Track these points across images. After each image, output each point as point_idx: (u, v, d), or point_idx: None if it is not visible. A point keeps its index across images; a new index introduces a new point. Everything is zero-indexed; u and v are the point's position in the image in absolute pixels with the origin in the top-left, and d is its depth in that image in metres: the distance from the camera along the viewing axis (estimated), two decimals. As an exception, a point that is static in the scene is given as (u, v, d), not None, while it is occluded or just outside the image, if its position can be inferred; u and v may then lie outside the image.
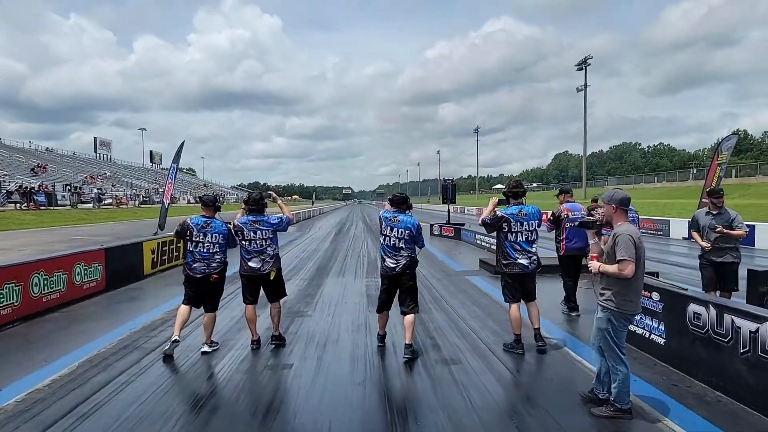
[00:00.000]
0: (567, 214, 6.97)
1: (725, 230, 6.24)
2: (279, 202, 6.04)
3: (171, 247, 12.65)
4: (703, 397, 4.25)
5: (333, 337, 6.19)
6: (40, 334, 6.39)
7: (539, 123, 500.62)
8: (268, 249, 5.58)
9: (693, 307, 4.65)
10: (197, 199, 70.19)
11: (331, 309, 7.78)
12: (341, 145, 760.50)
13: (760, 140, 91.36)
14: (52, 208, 34.48)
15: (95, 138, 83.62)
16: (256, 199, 5.63)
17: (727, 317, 4.24)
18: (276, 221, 5.65)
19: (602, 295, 3.96)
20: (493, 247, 13.88)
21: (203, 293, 5.60)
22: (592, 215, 5.99)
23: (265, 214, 5.72)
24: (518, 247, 5.34)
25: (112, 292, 9.20)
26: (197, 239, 5.51)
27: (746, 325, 4.03)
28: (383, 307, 5.58)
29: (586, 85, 56.11)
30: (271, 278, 5.60)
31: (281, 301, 5.83)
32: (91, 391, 4.46)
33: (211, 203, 5.72)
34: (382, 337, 5.75)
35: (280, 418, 3.91)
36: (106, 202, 44.58)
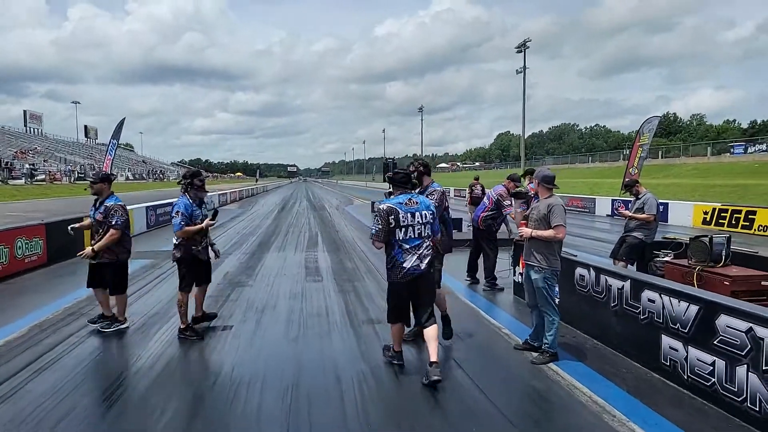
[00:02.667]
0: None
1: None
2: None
3: (112, 223, 12.67)
4: (583, 345, 5.10)
5: (271, 303, 6.73)
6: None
7: (485, 103, 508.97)
8: None
9: (579, 270, 5.50)
10: (135, 176, 67.97)
11: (270, 279, 8.28)
12: (288, 122, 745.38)
13: (688, 123, 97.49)
14: (-22, 183, 32.62)
15: (25, 111, 78.34)
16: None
17: (602, 277, 5.09)
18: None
19: (534, 258, 4.64)
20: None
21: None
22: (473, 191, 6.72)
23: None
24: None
25: (54, 266, 9.31)
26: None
27: (616, 283, 4.89)
28: (402, 315, 4.39)
29: (525, 68, 57.67)
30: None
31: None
32: (43, 350, 4.83)
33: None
34: (399, 354, 4.49)
35: (221, 372, 4.43)
36: (38, 178, 42.42)
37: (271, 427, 3.44)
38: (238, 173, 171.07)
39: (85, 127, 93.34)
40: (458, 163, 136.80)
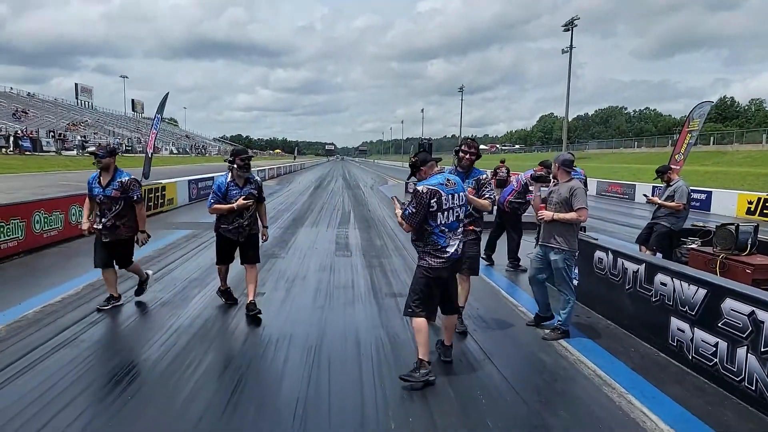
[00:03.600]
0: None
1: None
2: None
3: (156, 194, 13.38)
4: (596, 324, 5.26)
5: (301, 274, 7.12)
6: (46, 264, 7.26)
7: (528, 83, 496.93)
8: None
9: (598, 253, 5.62)
10: (178, 150, 70.10)
11: (302, 253, 8.68)
12: (327, 100, 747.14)
13: (746, 108, 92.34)
14: (37, 154, 34.50)
15: (76, 84, 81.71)
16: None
17: (619, 260, 5.21)
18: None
19: (554, 240, 4.78)
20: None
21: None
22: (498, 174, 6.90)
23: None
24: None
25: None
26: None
27: (631, 267, 5.01)
28: (432, 304, 3.97)
29: (571, 47, 55.71)
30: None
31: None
32: (95, 306, 5.34)
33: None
34: (429, 370, 3.78)
35: (252, 332, 4.83)
36: (89, 149, 44.38)
37: (295, 379, 3.80)
38: (277, 150, 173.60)
39: (132, 101, 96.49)
40: (497, 145, 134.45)
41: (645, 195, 7.23)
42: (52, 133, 43.41)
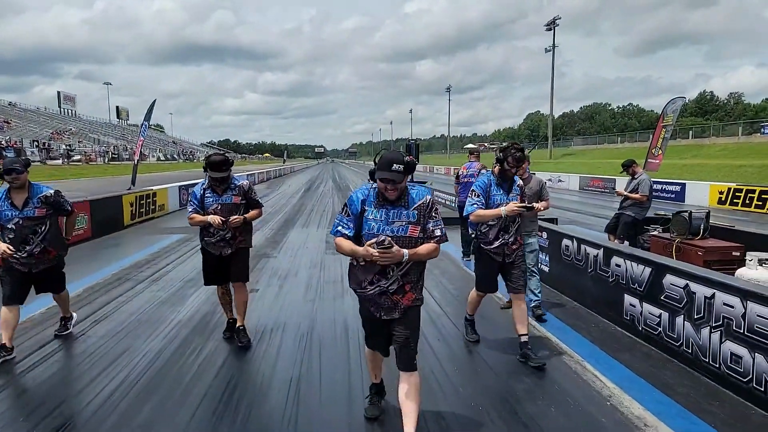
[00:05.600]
0: (463, 172, 8.30)
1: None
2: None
3: (148, 200, 13.71)
4: (563, 305, 5.76)
5: (293, 271, 7.54)
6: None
7: (516, 82, 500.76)
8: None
9: (565, 241, 6.12)
10: (165, 157, 69.97)
11: (293, 252, 9.11)
12: (316, 102, 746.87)
13: (725, 102, 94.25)
14: (21, 164, 34.45)
15: (59, 92, 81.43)
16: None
17: (582, 246, 5.71)
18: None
19: (533, 226, 5.30)
20: (448, 201, 15.33)
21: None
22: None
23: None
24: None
25: (98, 239, 10.33)
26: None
27: (592, 251, 5.51)
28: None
29: (554, 46, 57.02)
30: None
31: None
32: (98, 306, 5.74)
33: None
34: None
35: (249, 322, 5.23)
36: (75, 158, 44.39)
37: (288, 361, 4.24)
38: (266, 154, 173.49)
39: (117, 108, 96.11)
40: (485, 144, 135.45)
41: (613, 188, 7.72)
42: (36, 143, 43.29)
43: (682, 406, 3.40)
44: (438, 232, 2.87)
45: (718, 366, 3.66)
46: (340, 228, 2.91)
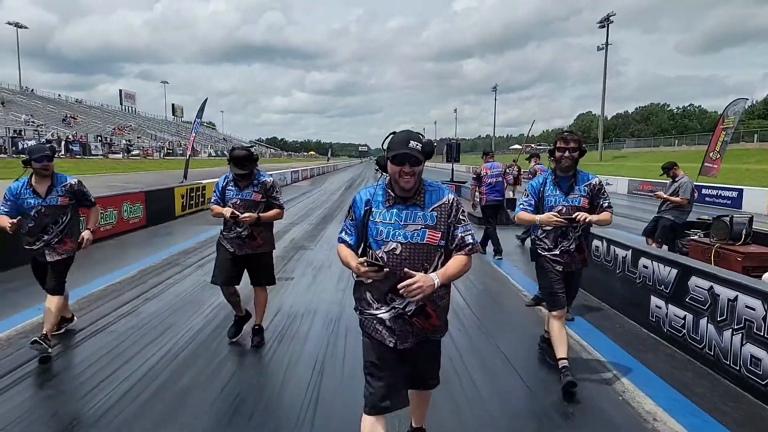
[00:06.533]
0: (486, 172, 8.49)
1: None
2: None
3: (197, 193, 14.42)
4: (590, 305, 5.77)
5: (327, 263, 7.84)
6: (103, 254, 8.19)
7: (567, 81, 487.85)
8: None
9: (595, 242, 6.11)
10: (216, 153, 72.46)
11: (329, 245, 9.42)
12: (361, 101, 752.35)
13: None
14: (86, 157, 36.64)
15: (121, 90, 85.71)
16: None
17: (612, 247, 5.71)
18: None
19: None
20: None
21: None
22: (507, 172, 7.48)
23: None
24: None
25: (152, 227, 11.02)
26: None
27: (621, 252, 5.50)
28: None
29: (607, 44, 55.43)
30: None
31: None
32: (149, 287, 6.21)
33: None
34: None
35: (281, 308, 5.56)
36: (134, 153, 46.71)
37: (316, 342, 4.51)
38: (311, 152, 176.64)
39: (173, 105, 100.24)
40: (532, 144, 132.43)
41: (651, 191, 7.60)
42: (99, 138, 45.82)
43: (697, 405, 3.42)
44: (470, 240, 2.34)
45: (738, 368, 3.65)
46: (342, 234, 2.47)
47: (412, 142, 2.23)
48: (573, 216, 3.60)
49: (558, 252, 3.78)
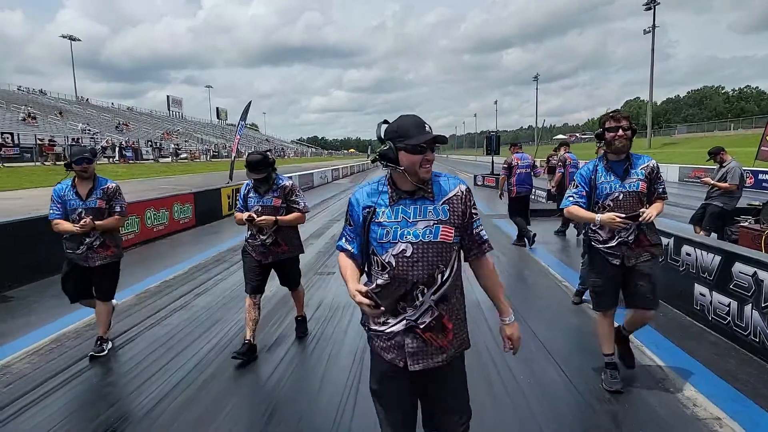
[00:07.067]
0: (517, 163, 8.48)
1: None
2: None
3: (243, 193, 14.95)
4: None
5: (369, 257, 8.02)
6: (157, 252, 8.70)
7: (612, 67, 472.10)
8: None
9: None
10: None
11: (371, 240, 9.61)
12: (398, 98, 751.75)
13: None
14: (138, 162, 38.38)
15: (168, 96, 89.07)
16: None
17: (654, 236, 5.60)
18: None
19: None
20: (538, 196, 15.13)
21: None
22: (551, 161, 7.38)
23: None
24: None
25: (200, 227, 11.52)
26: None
27: (663, 240, 5.37)
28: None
29: (654, 26, 53.33)
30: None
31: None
32: (199, 282, 6.56)
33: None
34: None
35: (323, 301, 5.77)
36: (182, 156, 48.46)
37: (357, 334, 4.67)
38: (351, 149, 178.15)
39: (217, 109, 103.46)
40: (577, 134, 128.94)
41: (698, 176, 7.36)
42: (150, 143, 47.83)
43: (739, 391, 3.38)
44: (485, 235, 2.13)
45: (784, 355, 3.58)
46: (342, 241, 2.15)
47: (426, 125, 1.97)
48: (637, 214, 3.25)
49: (614, 244, 3.38)
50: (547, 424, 3.08)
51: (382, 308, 1.90)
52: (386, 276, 1.97)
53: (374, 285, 2.00)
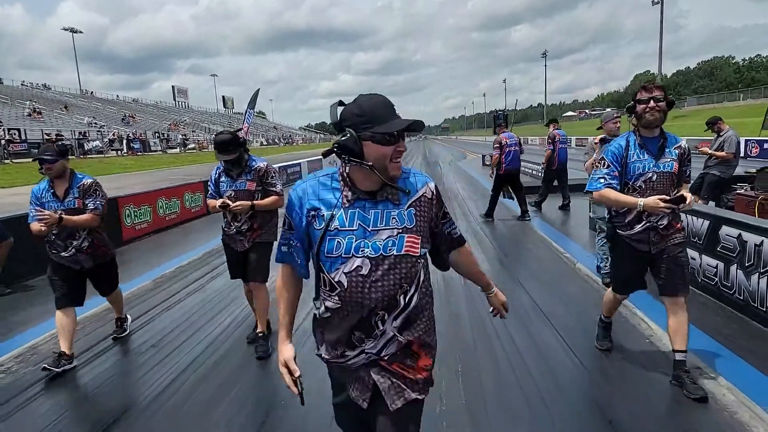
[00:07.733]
0: (506, 142, 8.91)
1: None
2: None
3: (251, 180, 15.22)
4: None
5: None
6: (171, 240, 9.02)
7: (622, 40, 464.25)
8: None
9: (634, 201, 6.19)
10: (267, 141, 74.37)
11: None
12: (407, 79, 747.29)
13: None
14: (146, 153, 38.84)
15: (173, 86, 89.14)
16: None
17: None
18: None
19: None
20: (535, 171, 15.17)
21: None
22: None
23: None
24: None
25: (212, 214, 11.74)
26: None
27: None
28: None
29: (661, -3, 52.23)
30: None
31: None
32: (213, 266, 6.87)
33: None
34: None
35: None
36: (190, 146, 48.92)
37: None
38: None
39: (223, 97, 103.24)
40: (587, 110, 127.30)
41: (696, 146, 7.51)
42: (157, 134, 48.26)
43: (723, 346, 3.60)
44: (458, 233, 1.86)
45: (765, 309, 3.78)
46: (282, 249, 1.75)
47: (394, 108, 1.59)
48: (682, 196, 2.88)
49: (642, 229, 3.09)
50: (541, 379, 3.33)
51: (301, 395, 1.72)
52: (336, 299, 1.60)
53: (322, 308, 1.66)
